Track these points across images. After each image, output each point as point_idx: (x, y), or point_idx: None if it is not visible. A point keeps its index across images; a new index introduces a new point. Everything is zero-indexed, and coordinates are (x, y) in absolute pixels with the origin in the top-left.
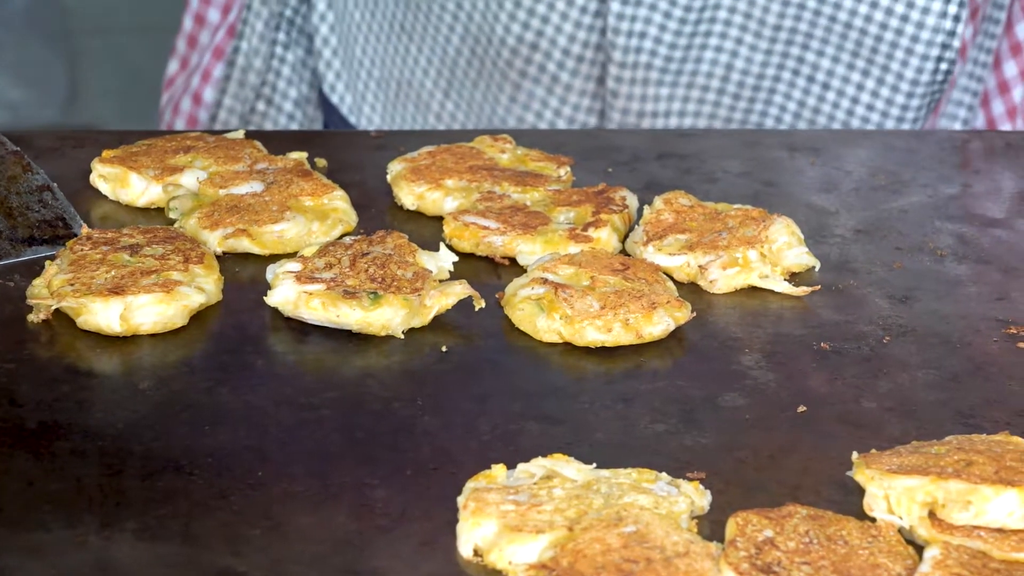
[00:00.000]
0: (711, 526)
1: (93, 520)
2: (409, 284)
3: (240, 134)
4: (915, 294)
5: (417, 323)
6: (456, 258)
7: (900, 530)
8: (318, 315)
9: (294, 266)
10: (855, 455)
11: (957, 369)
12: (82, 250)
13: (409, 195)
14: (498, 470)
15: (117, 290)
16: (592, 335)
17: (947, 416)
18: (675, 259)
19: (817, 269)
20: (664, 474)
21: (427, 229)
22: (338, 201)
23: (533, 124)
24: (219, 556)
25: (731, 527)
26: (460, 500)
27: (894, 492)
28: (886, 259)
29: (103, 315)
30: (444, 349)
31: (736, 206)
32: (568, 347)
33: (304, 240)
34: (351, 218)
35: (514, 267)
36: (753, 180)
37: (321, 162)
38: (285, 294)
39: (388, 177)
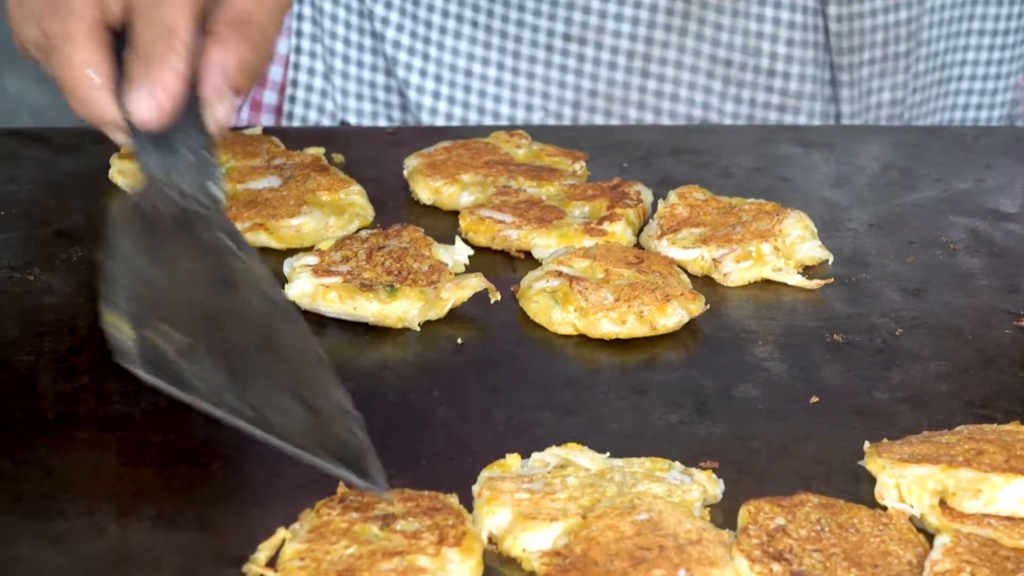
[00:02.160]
0: (723, 514)
1: (111, 509)
2: (425, 277)
3: (257, 130)
4: (927, 287)
5: (433, 315)
6: (471, 251)
7: (911, 518)
8: (335, 308)
9: (311, 260)
10: (867, 444)
11: (969, 361)
12: (329, 515)
13: (425, 190)
14: (513, 459)
15: (347, 574)
16: (606, 327)
17: (958, 407)
18: (689, 252)
19: (830, 262)
20: (677, 463)
21: (443, 223)
22: (355, 196)
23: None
24: (235, 544)
25: (743, 515)
26: (475, 488)
27: (905, 481)
28: (899, 253)
29: None
30: (460, 341)
31: (750, 200)
32: (582, 339)
33: (321, 234)
34: (368, 212)
35: (529, 260)
36: (767, 175)
37: (338, 157)
38: (302, 287)
39: (404, 172)
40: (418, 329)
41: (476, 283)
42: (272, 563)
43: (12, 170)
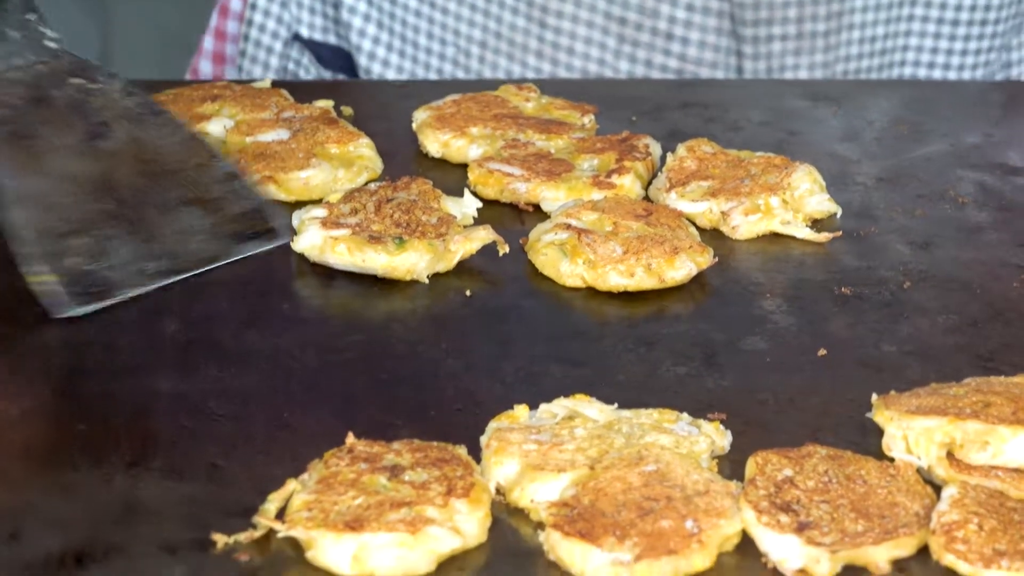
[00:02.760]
0: (731, 466)
1: (120, 460)
2: (434, 229)
3: (266, 83)
4: (936, 240)
5: (442, 268)
6: (480, 204)
7: (918, 470)
8: (344, 260)
9: (320, 212)
10: (874, 397)
11: (976, 314)
12: (338, 465)
13: (434, 143)
14: (520, 410)
15: (354, 524)
16: (615, 280)
17: (966, 360)
18: (698, 205)
19: (839, 216)
20: (685, 414)
21: (452, 176)
22: (364, 148)
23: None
24: (244, 495)
25: (751, 466)
26: (483, 440)
27: (912, 433)
28: (907, 206)
29: (332, 553)
30: (468, 293)
31: (759, 153)
32: (591, 291)
33: (330, 187)
34: (376, 165)
35: (538, 213)
36: (776, 129)
37: (347, 110)
38: (311, 239)
39: (413, 125)
40: (427, 281)
41: (485, 235)
42: (281, 514)
43: None
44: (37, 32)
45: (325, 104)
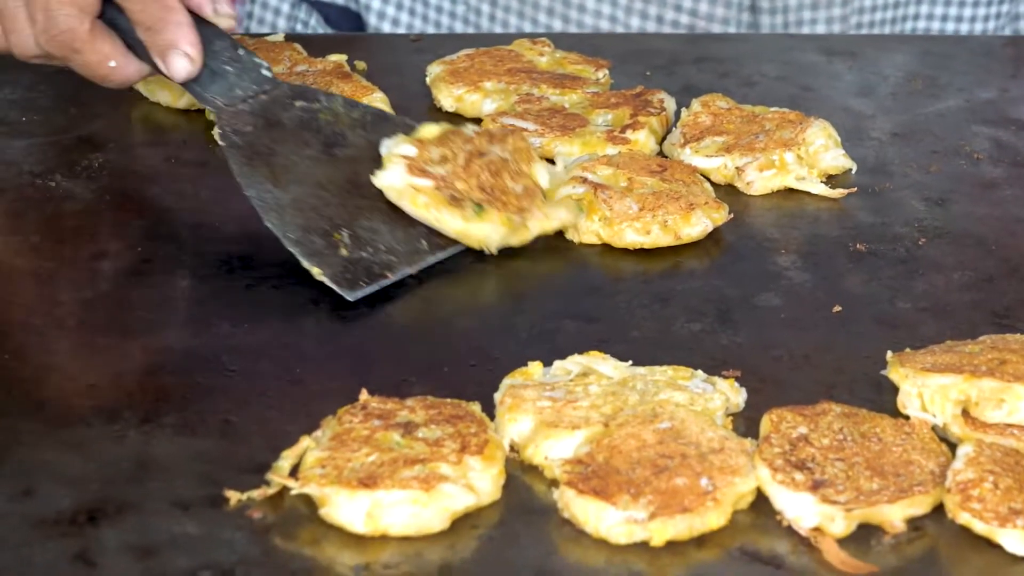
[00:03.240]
0: (746, 423)
1: (133, 416)
2: (516, 201)
3: (280, 37)
4: (951, 196)
5: (515, 242)
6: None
7: (933, 428)
8: (419, 212)
9: (409, 150)
10: (889, 354)
11: (992, 270)
12: (352, 422)
13: (448, 97)
14: (535, 367)
15: (368, 481)
16: (631, 237)
17: (981, 317)
18: (712, 161)
19: (854, 171)
20: (700, 372)
21: None
22: (378, 103)
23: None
24: (257, 451)
25: (765, 424)
26: (497, 396)
27: (928, 390)
28: (922, 162)
29: (346, 511)
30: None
31: (773, 109)
32: (605, 247)
33: None
34: None
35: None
36: (790, 84)
37: (361, 65)
38: (393, 180)
39: (427, 79)
40: (495, 253)
41: (565, 217)
42: (295, 471)
43: (33, 76)
44: (251, 64)
45: (339, 58)
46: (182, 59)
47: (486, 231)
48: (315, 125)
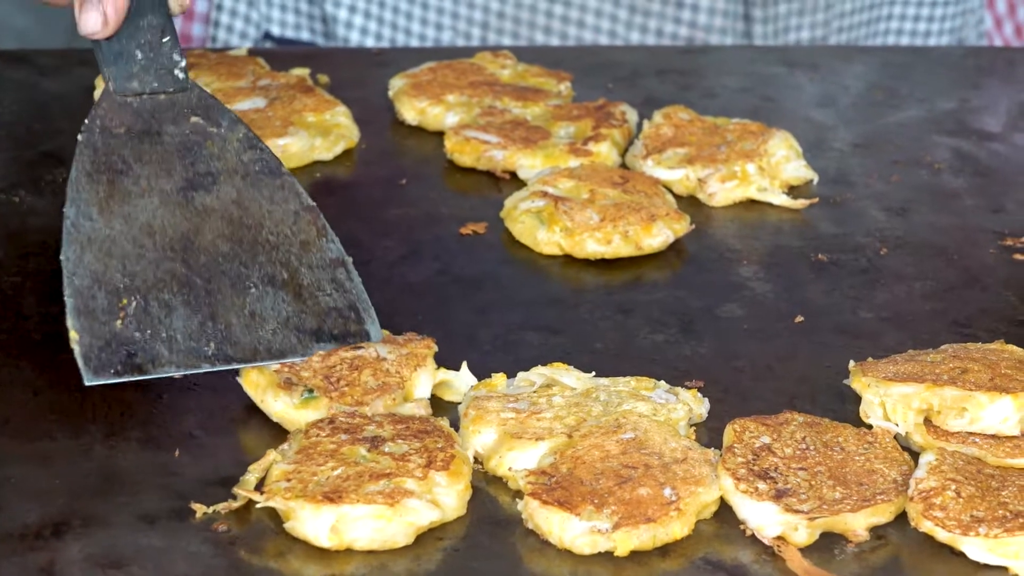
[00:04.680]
0: (709, 433)
1: (98, 430)
2: (360, 396)
3: (242, 51)
4: (912, 206)
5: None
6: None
7: (896, 436)
8: (249, 390)
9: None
10: (852, 363)
11: (953, 280)
12: (318, 436)
13: (411, 110)
14: (498, 379)
15: (333, 496)
16: (592, 247)
17: (943, 326)
18: (674, 172)
19: (815, 182)
20: (662, 382)
21: (428, 144)
22: (340, 117)
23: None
24: (223, 465)
25: (728, 434)
26: (461, 408)
27: (890, 399)
28: (883, 172)
29: (310, 525)
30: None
31: (735, 120)
32: (568, 259)
33: (307, 155)
34: (353, 133)
35: (515, 181)
36: (752, 95)
37: (323, 78)
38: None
39: (390, 93)
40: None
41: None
42: (261, 484)
43: None
44: (166, 58)
45: (301, 72)
46: (95, 13)
47: (308, 417)
48: (194, 153)
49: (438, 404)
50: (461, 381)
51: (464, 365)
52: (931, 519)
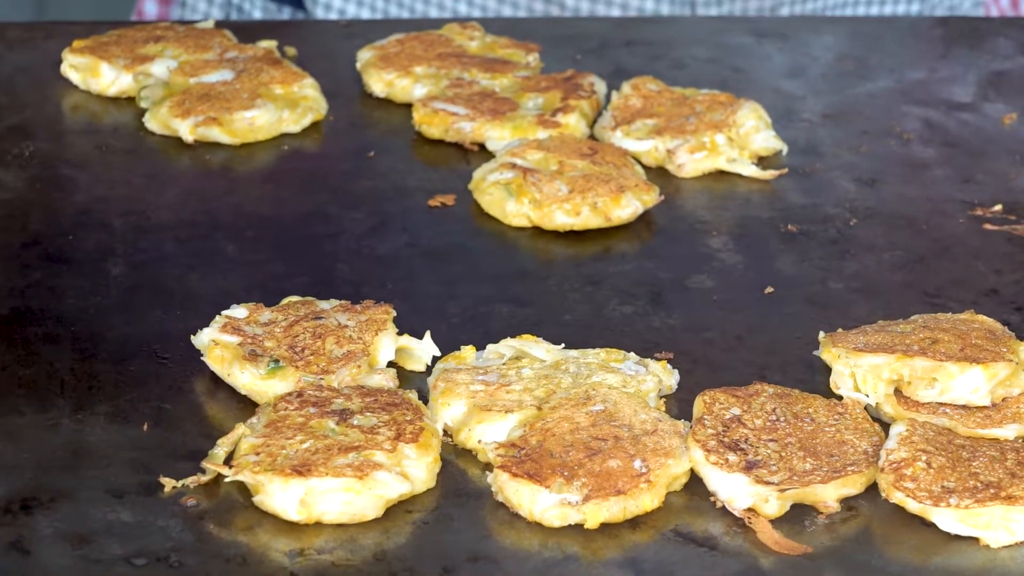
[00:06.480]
0: (679, 405)
1: (66, 404)
2: (326, 364)
3: (210, 24)
4: (882, 177)
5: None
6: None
7: (866, 407)
8: (216, 367)
9: (240, 312)
10: (822, 334)
11: (923, 250)
12: (286, 409)
13: (379, 82)
14: (467, 351)
15: (301, 469)
16: (561, 219)
17: (913, 296)
18: (643, 143)
19: (784, 153)
20: (632, 354)
21: (396, 116)
22: (308, 89)
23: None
24: (191, 439)
25: (699, 405)
26: (430, 381)
27: (860, 370)
28: (853, 143)
29: (279, 499)
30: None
31: (704, 91)
32: (537, 231)
33: (275, 127)
34: (321, 106)
35: (483, 153)
36: (721, 66)
37: (291, 51)
38: (201, 338)
39: (357, 65)
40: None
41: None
42: (230, 458)
43: None
44: None
45: (269, 44)
46: None
47: (277, 389)
48: None
49: (403, 376)
50: (423, 350)
51: (427, 334)
52: (902, 490)
